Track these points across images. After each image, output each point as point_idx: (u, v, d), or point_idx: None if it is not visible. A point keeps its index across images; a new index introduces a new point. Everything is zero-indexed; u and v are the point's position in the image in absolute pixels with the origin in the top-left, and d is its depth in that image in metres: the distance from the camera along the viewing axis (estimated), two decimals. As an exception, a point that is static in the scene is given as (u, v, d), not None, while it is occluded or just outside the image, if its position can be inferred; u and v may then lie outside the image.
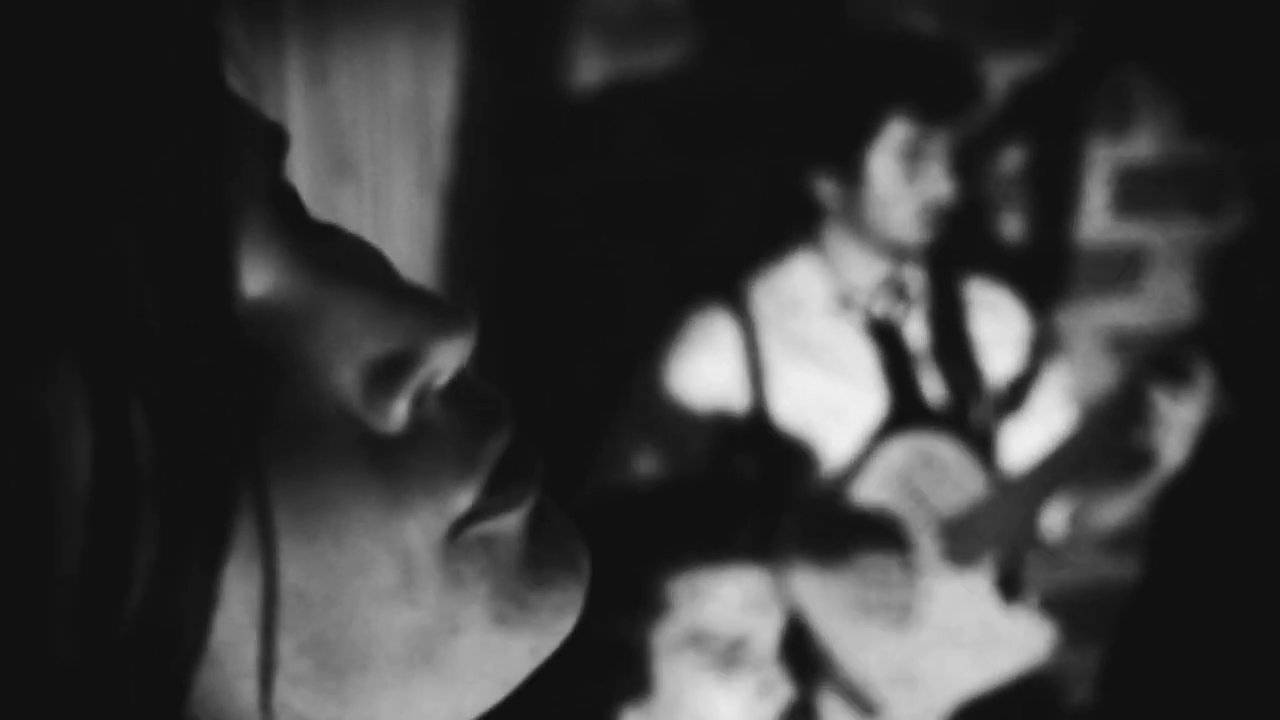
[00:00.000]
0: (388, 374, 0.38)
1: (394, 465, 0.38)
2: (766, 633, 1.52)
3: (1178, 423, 1.82)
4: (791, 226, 2.07)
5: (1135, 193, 2.54)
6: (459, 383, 0.41)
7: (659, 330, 2.03)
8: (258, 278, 0.38)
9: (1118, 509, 2.02)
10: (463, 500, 0.39)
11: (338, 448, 0.37)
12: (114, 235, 0.34)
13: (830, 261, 2.01)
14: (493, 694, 0.41)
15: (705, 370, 1.97)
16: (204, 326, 0.35)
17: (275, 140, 0.41)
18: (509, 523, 0.40)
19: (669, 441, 1.96)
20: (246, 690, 0.37)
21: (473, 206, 2.34)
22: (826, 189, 1.97)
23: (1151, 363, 1.84)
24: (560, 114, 2.37)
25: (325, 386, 0.38)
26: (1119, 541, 2.36)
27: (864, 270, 2.01)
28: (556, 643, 0.41)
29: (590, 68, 2.38)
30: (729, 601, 1.51)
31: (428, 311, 0.39)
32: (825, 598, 1.90)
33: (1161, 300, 2.58)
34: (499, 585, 0.40)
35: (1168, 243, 2.57)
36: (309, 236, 0.41)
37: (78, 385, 0.34)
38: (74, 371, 0.34)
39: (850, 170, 1.93)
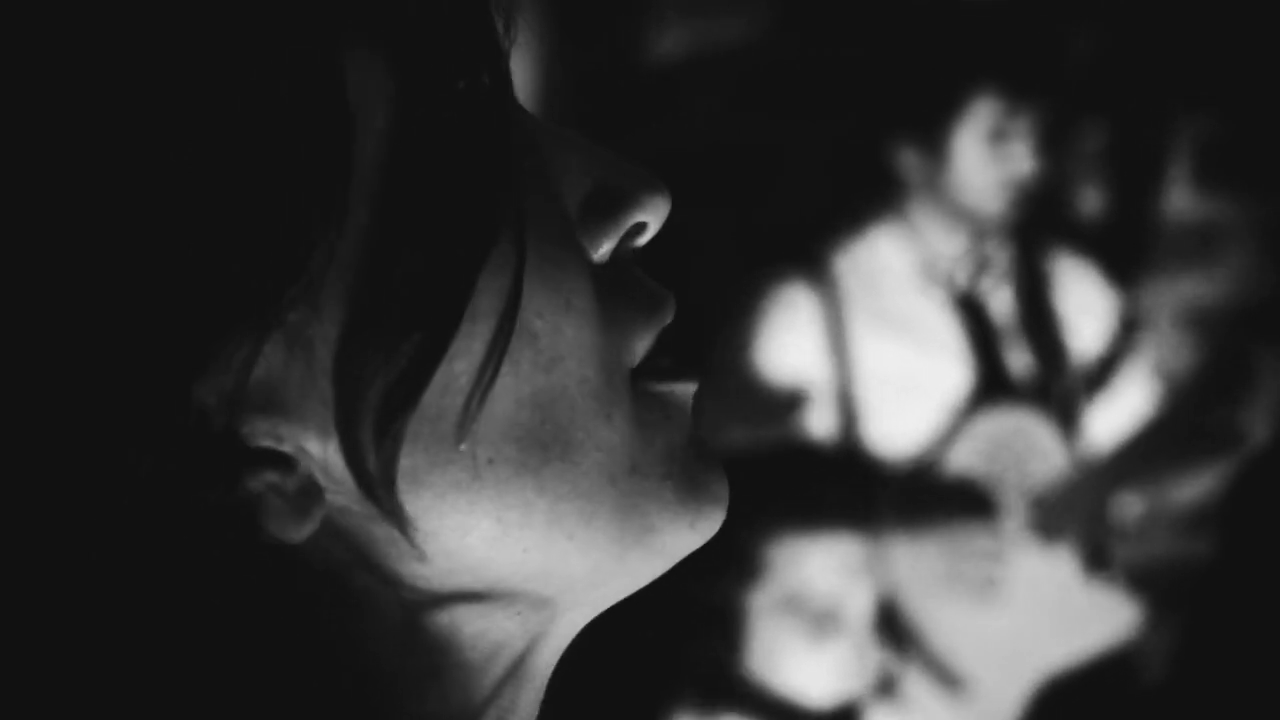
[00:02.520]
0: (604, 207, 0.43)
1: (599, 287, 0.42)
2: (860, 601, 1.53)
3: (1265, 400, 1.82)
4: (872, 196, 2.06)
5: (1215, 168, 2.52)
6: (637, 271, 0.45)
7: (738, 300, 2.02)
8: None
9: (1199, 486, 2.01)
10: (643, 341, 0.43)
11: (568, 240, 0.42)
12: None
13: (913, 230, 2.00)
14: (647, 567, 0.44)
15: (787, 343, 1.97)
16: (486, 84, 0.40)
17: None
18: (680, 394, 0.44)
19: (753, 413, 1.96)
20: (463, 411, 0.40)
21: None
22: (908, 160, 1.97)
23: (1238, 339, 1.83)
24: (635, 82, 2.37)
25: (554, 205, 0.42)
26: (1199, 518, 2.35)
27: (947, 239, 2.00)
28: (711, 531, 0.44)
29: (665, 36, 2.37)
30: (823, 568, 1.51)
31: (639, 169, 0.44)
32: (914, 567, 1.90)
33: (1240, 275, 2.56)
34: (671, 451, 0.43)
35: (1247, 218, 2.55)
36: None
37: (385, 89, 0.39)
38: (386, 79, 0.39)
39: (933, 145, 1.93)
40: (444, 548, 0.40)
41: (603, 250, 0.43)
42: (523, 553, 0.41)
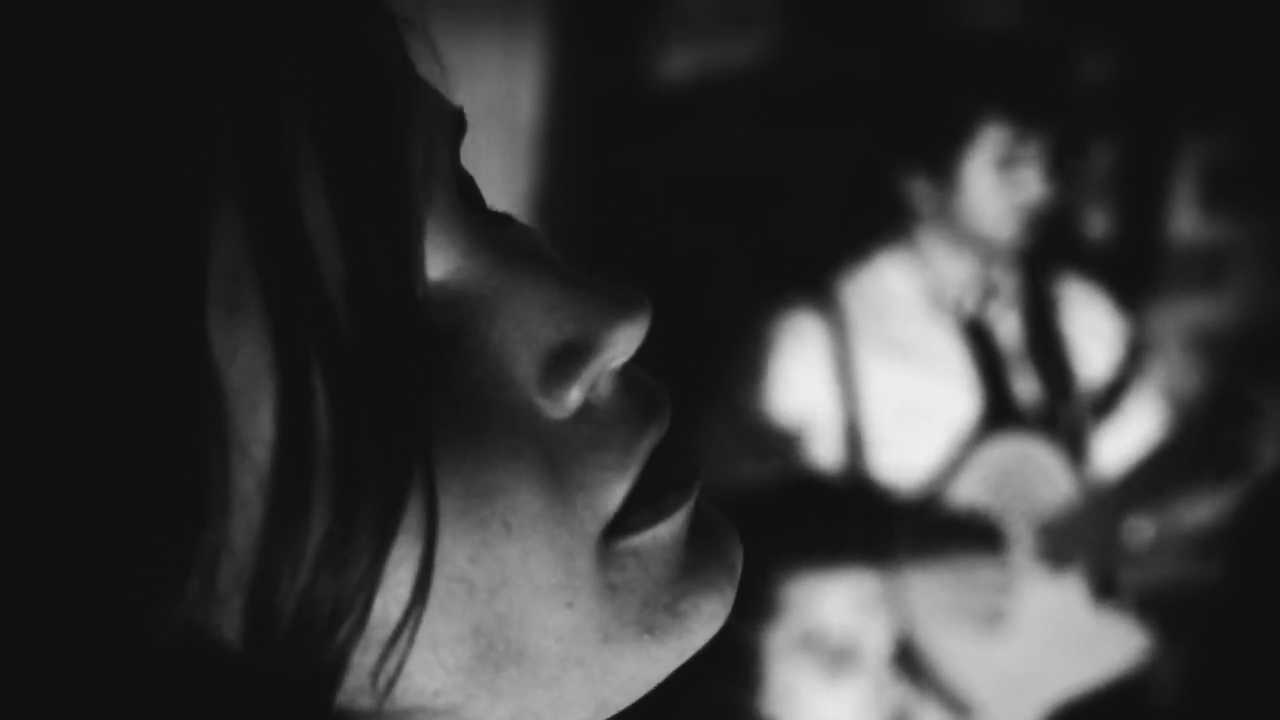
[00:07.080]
0: (566, 361, 0.38)
1: (560, 455, 0.38)
2: (877, 636, 1.52)
3: (1273, 423, 1.82)
4: (880, 222, 2.06)
5: (1222, 191, 2.52)
6: (627, 368, 0.40)
7: (747, 329, 2.02)
8: (439, 259, 0.38)
9: (1208, 510, 2.01)
10: (615, 495, 0.38)
11: (511, 435, 0.37)
12: (302, 205, 0.34)
13: (920, 256, 2.00)
14: (637, 693, 0.41)
15: (794, 372, 1.97)
16: (387, 306, 0.35)
17: (457, 124, 0.40)
18: (662, 532, 0.40)
19: (760, 444, 1.95)
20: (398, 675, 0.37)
21: (559, 199, 2.34)
22: (919, 189, 1.96)
23: (1247, 363, 1.83)
24: (646, 106, 2.37)
25: (502, 372, 0.38)
26: (1208, 543, 2.35)
27: (956, 267, 2.00)
28: (703, 642, 0.41)
29: (676, 58, 2.38)
30: (840, 605, 1.51)
31: (605, 297, 0.39)
32: (922, 598, 1.90)
33: (1248, 298, 2.56)
34: (651, 597, 0.40)
35: (1254, 240, 2.55)
36: (487, 221, 0.40)
37: (262, 353, 0.33)
38: (260, 338, 0.33)
39: (943, 174, 1.92)
40: None
41: (571, 401, 0.38)
42: None
